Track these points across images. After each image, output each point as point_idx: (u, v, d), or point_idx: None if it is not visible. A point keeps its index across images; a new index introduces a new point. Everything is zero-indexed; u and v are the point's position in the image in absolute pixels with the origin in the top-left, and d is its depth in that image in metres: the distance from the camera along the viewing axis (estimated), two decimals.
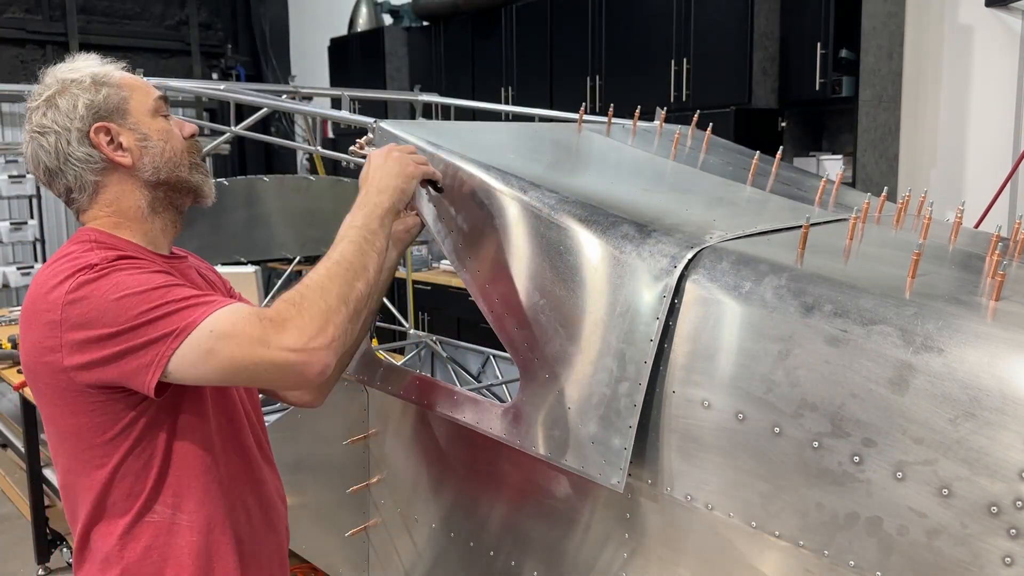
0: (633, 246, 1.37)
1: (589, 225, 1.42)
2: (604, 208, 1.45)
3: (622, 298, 1.35)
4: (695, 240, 1.35)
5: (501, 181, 1.55)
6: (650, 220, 1.42)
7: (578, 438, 1.39)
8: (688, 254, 1.32)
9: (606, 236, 1.40)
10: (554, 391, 1.43)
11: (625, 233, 1.39)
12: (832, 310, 1.17)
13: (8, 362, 3.61)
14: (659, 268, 1.32)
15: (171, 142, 1.41)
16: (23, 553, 3.84)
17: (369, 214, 1.40)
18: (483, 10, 5.88)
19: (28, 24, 7.89)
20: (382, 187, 1.43)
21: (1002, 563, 1.00)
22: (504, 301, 1.52)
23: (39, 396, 1.32)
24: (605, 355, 1.36)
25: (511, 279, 1.51)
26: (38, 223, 7.47)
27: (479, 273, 1.56)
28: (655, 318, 1.31)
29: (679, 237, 1.36)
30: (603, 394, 1.36)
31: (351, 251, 1.34)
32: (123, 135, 1.36)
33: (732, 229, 1.42)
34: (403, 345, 2.98)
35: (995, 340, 1.07)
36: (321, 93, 6.34)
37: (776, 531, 1.19)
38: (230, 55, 8.78)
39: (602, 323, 1.37)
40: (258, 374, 1.21)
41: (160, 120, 1.41)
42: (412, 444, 1.81)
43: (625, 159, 1.99)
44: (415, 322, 5.59)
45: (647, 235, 1.37)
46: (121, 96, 1.37)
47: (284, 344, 1.19)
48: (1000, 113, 4.03)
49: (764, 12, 4.32)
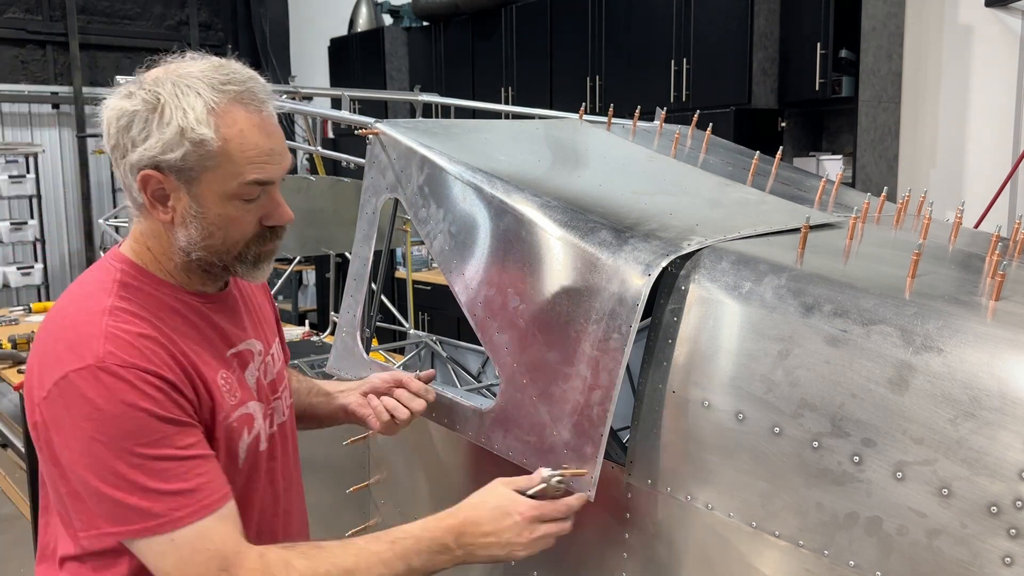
0: (609, 253, 1.35)
1: (568, 230, 1.41)
2: (586, 213, 1.44)
3: (597, 305, 1.34)
4: (671, 248, 1.34)
5: (486, 184, 1.54)
6: (629, 226, 1.40)
7: (552, 444, 1.38)
8: (663, 261, 1.31)
9: (583, 242, 1.38)
10: (531, 396, 1.42)
11: (602, 240, 1.37)
12: (832, 310, 1.17)
13: (8, 362, 3.61)
14: (633, 275, 1.31)
15: (230, 232, 1.18)
16: (23, 553, 3.84)
17: (432, 566, 1.19)
18: (483, 10, 5.88)
19: (28, 24, 7.90)
20: (474, 555, 1.22)
21: (1002, 563, 1.00)
22: (485, 305, 1.50)
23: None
24: (579, 362, 1.34)
25: (492, 283, 1.50)
26: (38, 223, 7.47)
27: (462, 276, 1.55)
28: (628, 326, 1.30)
29: (656, 244, 1.34)
30: (577, 401, 1.34)
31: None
32: (176, 195, 1.15)
33: (713, 234, 1.40)
34: (403, 345, 2.98)
35: (995, 340, 1.07)
36: (321, 93, 6.35)
37: (776, 531, 1.19)
38: (230, 55, 8.76)
39: (577, 330, 1.36)
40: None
41: (236, 205, 1.16)
42: (412, 444, 1.81)
43: (621, 157, 1.99)
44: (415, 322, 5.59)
45: (624, 242, 1.36)
46: (203, 164, 1.12)
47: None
48: (1000, 113, 4.03)
49: (764, 12, 4.32)
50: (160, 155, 1.11)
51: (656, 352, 1.33)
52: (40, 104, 8.01)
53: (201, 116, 1.11)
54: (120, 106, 1.13)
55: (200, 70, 1.15)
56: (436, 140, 1.71)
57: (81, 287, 1.21)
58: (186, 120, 1.10)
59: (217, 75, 1.15)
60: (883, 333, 1.12)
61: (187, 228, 1.17)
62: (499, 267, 1.49)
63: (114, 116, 1.13)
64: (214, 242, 1.18)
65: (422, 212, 1.65)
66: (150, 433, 1.07)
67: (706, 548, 1.28)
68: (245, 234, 1.20)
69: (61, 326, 1.14)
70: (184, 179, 1.14)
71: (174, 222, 1.17)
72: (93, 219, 7.99)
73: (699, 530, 1.29)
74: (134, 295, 1.17)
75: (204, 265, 1.21)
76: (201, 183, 1.14)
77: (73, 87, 7.98)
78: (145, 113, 1.12)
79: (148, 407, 1.08)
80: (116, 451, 1.06)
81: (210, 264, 1.21)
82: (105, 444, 1.06)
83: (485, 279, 1.51)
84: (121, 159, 1.14)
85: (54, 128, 8.10)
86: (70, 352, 1.09)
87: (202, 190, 1.14)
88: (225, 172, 1.14)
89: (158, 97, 1.12)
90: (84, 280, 1.22)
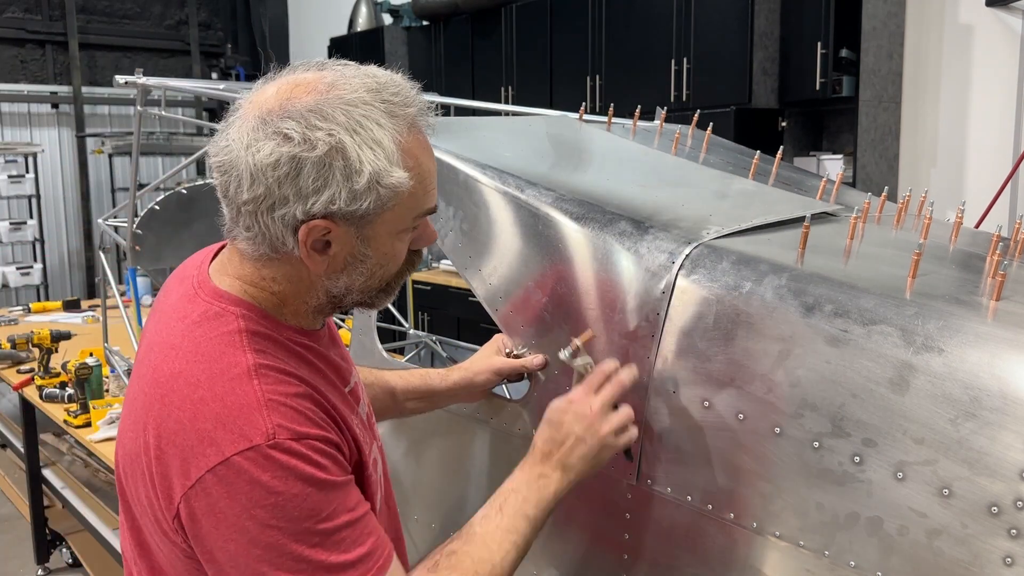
0: (631, 243, 1.37)
1: (586, 223, 1.42)
2: (601, 205, 1.45)
3: (621, 295, 1.35)
4: (692, 236, 1.35)
5: (497, 180, 1.55)
6: (647, 216, 1.42)
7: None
8: (686, 249, 1.32)
9: (603, 233, 1.40)
10: (563, 387, 1.43)
11: (622, 230, 1.39)
12: (832, 310, 1.17)
13: (8, 362, 3.60)
14: (657, 264, 1.32)
15: (389, 266, 1.04)
16: (23, 553, 3.84)
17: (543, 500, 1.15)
18: (483, 10, 5.88)
19: (28, 24, 7.90)
20: (570, 465, 1.17)
21: (1002, 563, 1.00)
22: (507, 300, 1.52)
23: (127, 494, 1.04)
24: (607, 353, 1.36)
25: (512, 278, 1.51)
26: (38, 223, 7.47)
27: (479, 272, 1.56)
28: (656, 314, 1.31)
29: (676, 233, 1.36)
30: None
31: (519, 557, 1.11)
32: (341, 241, 0.97)
33: (729, 223, 1.42)
34: (403, 345, 2.98)
35: (996, 340, 1.07)
36: None
37: (776, 531, 1.19)
38: (230, 55, 8.78)
39: (603, 321, 1.37)
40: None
41: (403, 238, 1.03)
42: (412, 443, 1.81)
43: (623, 154, 1.99)
44: (415, 322, 5.59)
45: (645, 231, 1.37)
46: (386, 206, 0.96)
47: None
48: (1000, 113, 4.03)
49: (764, 12, 4.32)
50: (344, 205, 0.93)
51: (656, 352, 1.33)
52: (39, 104, 8.00)
53: (392, 155, 0.94)
54: (279, 151, 0.92)
55: (367, 89, 0.96)
56: (439, 138, 1.70)
57: (195, 342, 0.98)
58: (377, 163, 0.93)
59: (387, 94, 0.97)
60: (884, 333, 1.12)
61: (349, 274, 1.01)
62: (517, 261, 1.50)
63: (270, 162, 0.92)
64: (373, 281, 1.04)
65: None
66: (328, 505, 0.94)
67: (706, 548, 1.28)
68: (399, 263, 1.06)
69: (197, 398, 0.94)
70: (360, 223, 0.97)
71: (329, 267, 1.00)
72: (92, 219, 7.98)
73: (699, 530, 1.29)
74: (268, 346, 0.99)
75: (349, 305, 1.07)
76: (376, 224, 0.98)
77: (72, 87, 7.98)
78: (319, 157, 0.91)
79: (325, 478, 0.94)
80: (295, 534, 0.91)
81: (356, 303, 1.07)
82: (283, 530, 0.91)
83: (504, 273, 1.52)
84: (268, 210, 0.94)
85: (53, 128, 8.10)
86: (227, 432, 0.91)
87: (376, 231, 0.99)
88: (405, 209, 0.99)
89: (332, 135, 0.92)
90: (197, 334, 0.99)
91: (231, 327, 0.98)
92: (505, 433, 1.57)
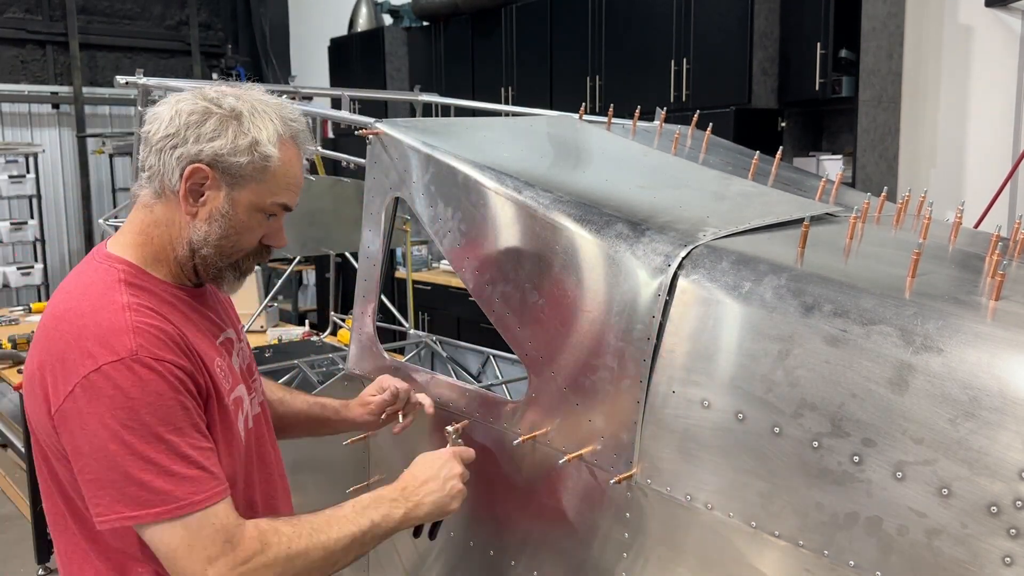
0: (627, 245, 1.37)
1: (584, 224, 1.42)
2: (599, 206, 1.45)
3: (618, 297, 1.36)
4: (688, 238, 1.35)
5: (496, 181, 1.55)
6: (644, 218, 1.42)
7: (589, 433, 1.41)
8: (682, 252, 1.32)
9: (600, 235, 1.40)
10: (560, 388, 1.44)
11: (619, 232, 1.39)
12: (832, 310, 1.17)
13: (8, 362, 3.61)
14: (653, 266, 1.33)
15: (242, 239, 1.31)
16: (23, 553, 3.84)
17: (390, 516, 1.34)
18: (483, 10, 5.88)
19: (28, 24, 7.90)
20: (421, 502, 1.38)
21: (1002, 563, 1.00)
22: (504, 301, 1.52)
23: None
24: (605, 354, 1.36)
25: (509, 279, 1.51)
26: (38, 223, 7.47)
27: (477, 274, 1.56)
28: (651, 316, 1.31)
29: (672, 235, 1.36)
30: (607, 391, 1.37)
31: (352, 545, 1.29)
32: (213, 193, 1.27)
33: (726, 225, 1.42)
34: (403, 345, 2.98)
35: (995, 340, 1.07)
36: (321, 93, 6.35)
37: (776, 531, 1.19)
38: (230, 55, 8.78)
39: (600, 322, 1.37)
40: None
41: (258, 218, 1.30)
42: (412, 444, 1.81)
43: (623, 154, 1.99)
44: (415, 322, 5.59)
45: (641, 234, 1.37)
46: (255, 176, 1.26)
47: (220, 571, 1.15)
48: (1000, 113, 4.03)
49: (764, 12, 4.32)
50: (226, 155, 1.24)
51: (656, 352, 1.33)
52: (40, 104, 8.01)
53: (272, 138, 1.27)
54: (198, 106, 1.25)
55: (273, 103, 1.31)
56: (439, 139, 1.71)
57: (84, 287, 1.25)
58: (260, 136, 1.25)
59: (285, 111, 1.31)
60: (883, 333, 1.12)
61: (209, 224, 1.28)
62: (515, 262, 1.51)
63: (186, 110, 1.24)
64: (225, 244, 1.30)
65: (429, 211, 1.66)
66: (176, 420, 1.17)
67: (706, 548, 1.28)
68: (250, 244, 1.33)
69: (81, 324, 1.18)
70: (231, 182, 1.26)
71: (196, 216, 1.28)
72: (93, 219, 7.99)
73: (699, 530, 1.29)
74: (140, 293, 1.24)
75: (202, 264, 1.31)
76: (244, 190, 1.27)
77: (73, 87, 7.98)
78: (224, 118, 1.25)
79: (175, 396, 1.18)
80: (146, 437, 1.14)
81: (207, 265, 1.31)
82: (137, 431, 1.14)
83: (502, 275, 1.52)
84: (171, 148, 1.24)
85: (54, 128, 8.10)
86: (100, 347, 1.15)
87: (241, 196, 1.27)
88: (266, 188, 1.28)
89: (236, 110, 1.26)
90: (84, 281, 1.27)
91: (113, 277, 1.25)
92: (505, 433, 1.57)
